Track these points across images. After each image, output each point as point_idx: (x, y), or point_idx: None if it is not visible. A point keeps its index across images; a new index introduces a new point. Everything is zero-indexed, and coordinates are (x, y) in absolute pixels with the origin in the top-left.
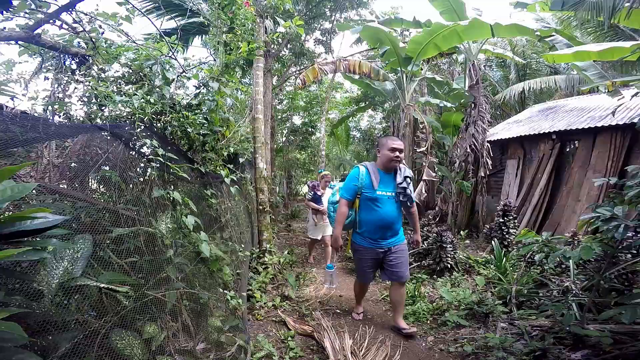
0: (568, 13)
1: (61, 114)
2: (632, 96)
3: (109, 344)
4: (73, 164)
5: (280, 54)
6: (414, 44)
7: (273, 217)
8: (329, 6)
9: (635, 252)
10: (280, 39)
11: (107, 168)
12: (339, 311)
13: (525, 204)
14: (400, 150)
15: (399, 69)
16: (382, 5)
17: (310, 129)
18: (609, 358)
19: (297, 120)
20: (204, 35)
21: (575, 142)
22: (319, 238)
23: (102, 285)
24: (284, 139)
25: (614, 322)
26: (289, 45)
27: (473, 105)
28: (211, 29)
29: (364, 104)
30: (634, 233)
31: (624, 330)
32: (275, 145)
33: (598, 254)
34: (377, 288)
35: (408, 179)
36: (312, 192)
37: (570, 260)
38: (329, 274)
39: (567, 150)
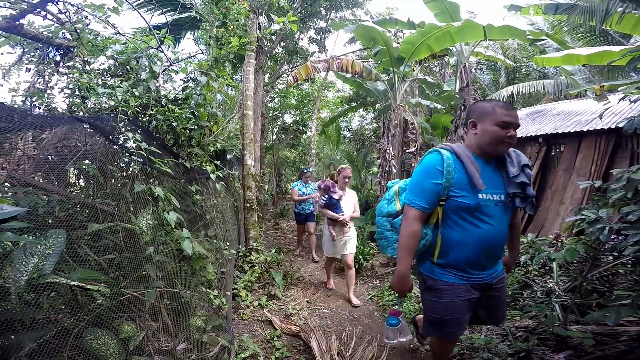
0: (559, 18)
1: (42, 106)
2: (620, 100)
3: (83, 343)
4: (50, 157)
5: (274, 52)
6: (407, 45)
7: (261, 215)
8: (324, 5)
9: (616, 254)
10: (273, 36)
11: (87, 162)
12: (326, 311)
13: None
14: (516, 127)
15: (391, 69)
16: (378, 6)
17: (301, 128)
18: (591, 359)
19: (288, 118)
20: (196, 31)
21: (561, 145)
22: (339, 257)
23: (73, 283)
24: (274, 136)
25: (596, 323)
26: (282, 43)
27: (463, 107)
28: (203, 23)
29: (356, 103)
30: (615, 236)
31: (606, 332)
32: (265, 143)
33: (581, 256)
34: (365, 288)
35: (528, 170)
36: (327, 196)
37: (554, 262)
38: (393, 331)
39: (553, 153)
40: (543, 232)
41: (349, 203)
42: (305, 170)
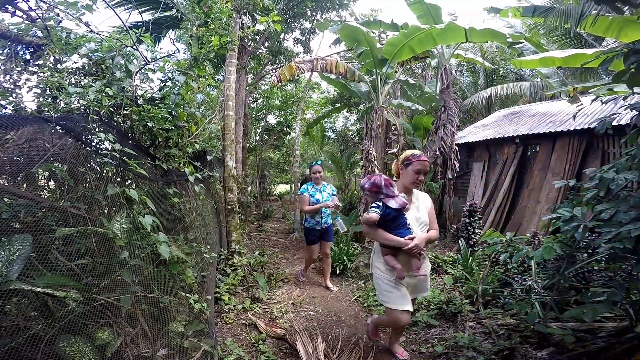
0: (537, 20)
1: (9, 106)
2: (592, 101)
3: (56, 350)
4: (15, 158)
5: (257, 52)
6: (390, 46)
7: (243, 217)
8: (310, 6)
9: (591, 251)
10: (257, 36)
11: (56, 164)
12: (312, 313)
13: (490, 205)
14: None
15: (374, 70)
16: (363, 8)
17: (285, 129)
18: (573, 356)
19: (271, 119)
20: (177, 30)
21: (537, 146)
22: (408, 309)
23: (38, 289)
24: (257, 138)
25: (574, 319)
26: (266, 44)
27: (443, 108)
28: (184, 22)
29: (340, 104)
30: (590, 233)
31: (585, 328)
32: (248, 144)
33: (558, 254)
34: (350, 289)
35: None
36: (379, 204)
37: (532, 260)
38: None
39: (529, 153)
40: (521, 230)
41: (420, 213)
42: (314, 164)
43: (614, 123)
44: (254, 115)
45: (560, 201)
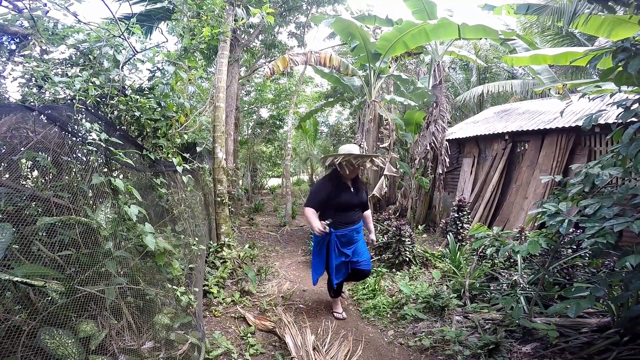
0: (530, 18)
1: None
2: (579, 97)
3: (38, 343)
4: None
5: (251, 45)
6: (384, 41)
7: (234, 210)
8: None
9: (575, 247)
10: (251, 29)
11: (39, 153)
12: (302, 306)
13: (479, 200)
14: None
15: (367, 64)
16: (359, 4)
17: (277, 122)
18: (556, 351)
19: (264, 112)
20: (168, 22)
21: (526, 143)
22: None
23: (16, 279)
24: (249, 131)
25: (558, 315)
26: (260, 37)
27: (435, 104)
28: (175, 13)
29: (333, 99)
30: (574, 229)
31: (568, 324)
32: (239, 137)
33: (543, 249)
34: None
35: None
36: None
37: (518, 255)
38: None
39: (518, 150)
40: (508, 225)
41: None
42: None
43: (601, 121)
44: (246, 108)
45: (546, 197)
